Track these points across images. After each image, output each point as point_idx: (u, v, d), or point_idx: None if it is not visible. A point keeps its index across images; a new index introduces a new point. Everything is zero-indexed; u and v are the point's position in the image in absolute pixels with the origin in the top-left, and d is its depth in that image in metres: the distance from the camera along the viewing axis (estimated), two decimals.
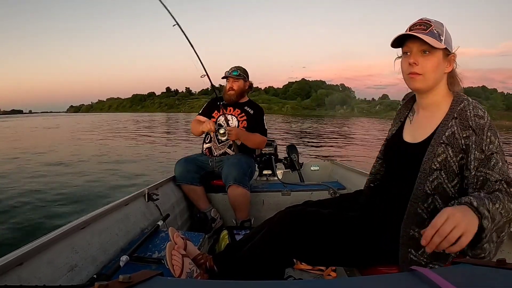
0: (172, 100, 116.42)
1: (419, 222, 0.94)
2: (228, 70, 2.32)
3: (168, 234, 1.15)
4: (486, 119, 0.91)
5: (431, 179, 0.93)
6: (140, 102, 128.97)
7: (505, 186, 0.85)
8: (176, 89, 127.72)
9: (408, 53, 0.97)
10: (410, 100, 1.15)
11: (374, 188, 1.20)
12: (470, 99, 0.96)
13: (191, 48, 2.25)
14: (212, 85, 2.40)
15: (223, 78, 2.32)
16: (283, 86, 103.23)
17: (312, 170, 2.93)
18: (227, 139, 2.17)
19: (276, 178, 2.60)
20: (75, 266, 1.04)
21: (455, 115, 0.94)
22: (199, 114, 2.37)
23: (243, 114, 2.26)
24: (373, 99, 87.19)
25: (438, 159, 0.93)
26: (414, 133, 1.06)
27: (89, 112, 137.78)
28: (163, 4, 2.20)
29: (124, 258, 1.16)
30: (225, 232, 1.79)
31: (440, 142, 0.94)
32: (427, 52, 0.94)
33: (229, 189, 1.96)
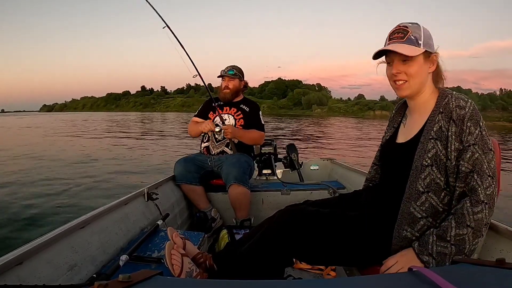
0: (147, 99, 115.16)
1: (412, 222, 0.95)
2: (224, 69, 2.33)
3: (167, 233, 1.15)
4: (467, 109, 0.92)
5: (423, 176, 0.95)
6: (114, 101, 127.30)
7: (475, 177, 0.89)
8: (151, 88, 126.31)
9: (390, 63, 1.00)
10: (402, 107, 1.18)
11: (372, 189, 1.20)
12: (455, 93, 0.98)
13: (182, 49, 2.27)
14: (205, 84, 2.44)
15: (219, 77, 2.34)
16: (259, 85, 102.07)
17: (311, 169, 2.93)
18: (224, 138, 2.18)
19: (275, 177, 2.60)
20: (74, 266, 1.04)
21: (441, 110, 0.96)
22: (195, 116, 2.39)
23: (240, 112, 2.28)
24: (348, 98, 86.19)
25: (429, 154, 0.95)
26: (405, 134, 1.08)
27: (62, 111, 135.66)
28: (153, 8, 2.24)
29: (123, 257, 1.16)
30: (224, 231, 1.79)
31: (429, 138, 0.96)
32: (408, 60, 0.96)
33: (230, 188, 1.96)
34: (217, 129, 2.13)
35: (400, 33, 0.97)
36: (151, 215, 1.65)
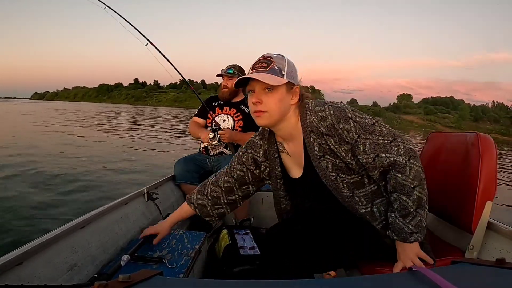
0: (139, 92, 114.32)
1: (378, 216, 0.99)
2: (224, 68, 2.32)
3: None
4: (330, 116, 0.95)
5: (341, 186, 0.98)
6: (106, 93, 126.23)
7: (382, 155, 0.92)
8: (144, 81, 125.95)
9: (252, 92, 0.98)
10: (270, 134, 1.13)
11: (302, 218, 1.16)
12: (309, 106, 0.98)
13: (169, 63, 2.31)
14: (196, 95, 2.47)
15: (218, 76, 2.33)
16: None
17: None
18: (221, 142, 2.17)
19: None
20: (74, 266, 1.04)
21: (309, 129, 0.98)
22: (196, 116, 2.38)
23: (239, 113, 2.27)
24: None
25: (329, 170, 0.98)
26: (296, 164, 1.07)
27: (54, 99, 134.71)
28: (134, 27, 2.27)
29: (125, 257, 1.16)
30: (224, 231, 1.79)
31: (318, 158, 0.98)
32: (270, 89, 0.95)
33: None
34: (210, 135, 2.10)
35: (264, 63, 0.96)
36: (151, 215, 1.66)
